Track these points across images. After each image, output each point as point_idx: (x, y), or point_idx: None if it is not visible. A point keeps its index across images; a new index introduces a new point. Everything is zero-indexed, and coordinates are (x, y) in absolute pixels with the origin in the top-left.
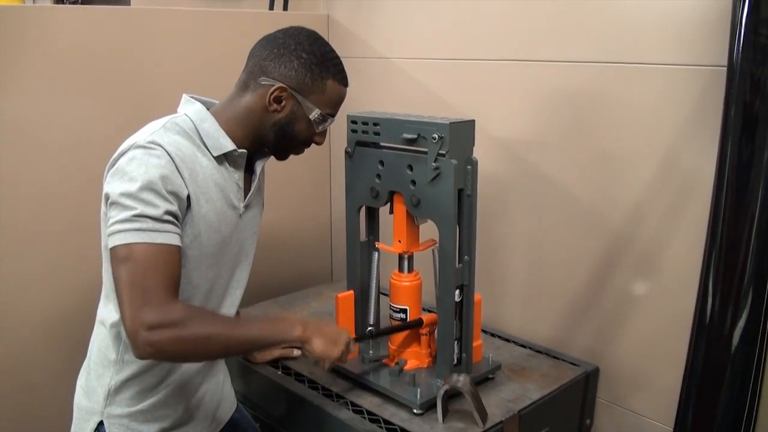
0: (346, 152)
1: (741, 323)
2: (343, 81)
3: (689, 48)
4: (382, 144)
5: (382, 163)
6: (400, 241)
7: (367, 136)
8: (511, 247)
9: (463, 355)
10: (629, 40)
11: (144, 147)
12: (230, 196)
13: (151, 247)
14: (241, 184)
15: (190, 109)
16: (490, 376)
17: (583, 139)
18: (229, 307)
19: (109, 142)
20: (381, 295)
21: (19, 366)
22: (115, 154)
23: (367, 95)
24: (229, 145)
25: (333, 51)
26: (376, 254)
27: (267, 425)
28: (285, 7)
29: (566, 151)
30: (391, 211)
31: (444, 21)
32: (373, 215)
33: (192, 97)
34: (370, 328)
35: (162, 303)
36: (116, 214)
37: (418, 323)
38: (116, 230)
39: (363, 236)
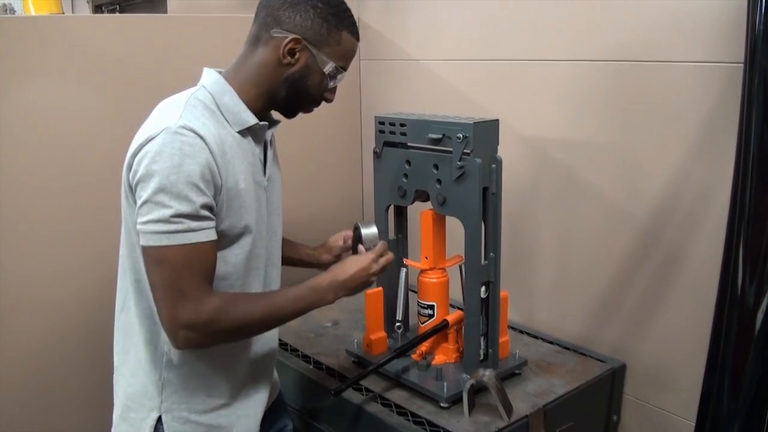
0: (375, 152)
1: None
2: (356, 34)
3: (709, 45)
4: (409, 144)
5: (409, 162)
6: (426, 258)
7: (395, 136)
8: (539, 245)
9: (490, 350)
10: (650, 38)
11: (177, 133)
12: (254, 171)
13: (187, 247)
14: (261, 157)
15: (209, 81)
16: (517, 371)
17: (608, 137)
18: (268, 286)
19: None
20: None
21: (37, 362)
22: (142, 140)
23: (398, 96)
24: (251, 120)
25: (345, 3)
26: (404, 270)
27: (298, 417)
28: None
29: (592, 149)
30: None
31: (472, 23)
32: (401, 214)
33: (212, 69)
34: (398, 324)
35: (198, 300)
36: (150, 212)
37: (444, 326)
38: (150, 230)
39: (392, 234)
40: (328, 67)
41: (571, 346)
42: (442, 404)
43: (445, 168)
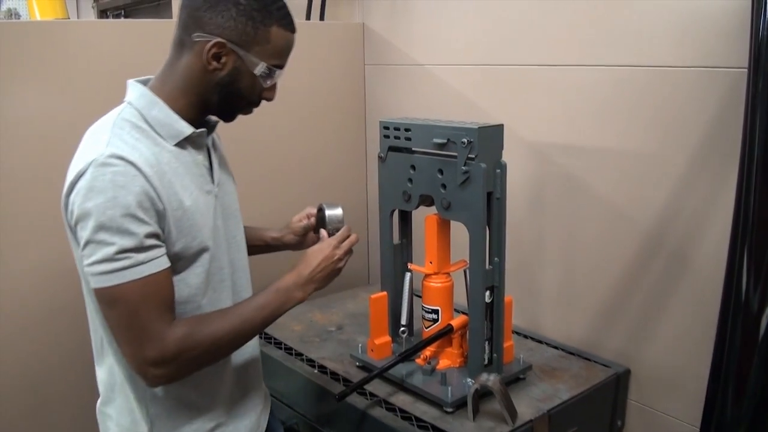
0: (379, 157)
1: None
2: (290, 26)
3: (712, 50)
4: (413, 149)
5: (413, 167)
6: (431, 262)
7: (399, 141)
8: (544, 250)
9: (494, 355)
10: (653, 43)
11: (105, 164)
12: (200, 181)
13: (139, 282)
14: (206, 163)
15: (134, 95)
16: (521, 376)
17: (612, 143)
18: (239, 294)
19: None
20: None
21: (35, 355)
22: (72, 177)
23: (402, 101)
24: (186, 130)
25: None
26: (408, 274)
27: (302, 421)
28: (321, 17)
29: (596, 154)
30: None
31: (476, 28)
32: (405, 218)
33: (136, 81)
34: (402, 328)
35: (160, 335)
36: (94, 253)
37: (448, 330)
38: (98, 272)
39: (396, 239)
40: (259, 68)
41: (576, 351)
42: (446, 409)
43: (450, 173)
